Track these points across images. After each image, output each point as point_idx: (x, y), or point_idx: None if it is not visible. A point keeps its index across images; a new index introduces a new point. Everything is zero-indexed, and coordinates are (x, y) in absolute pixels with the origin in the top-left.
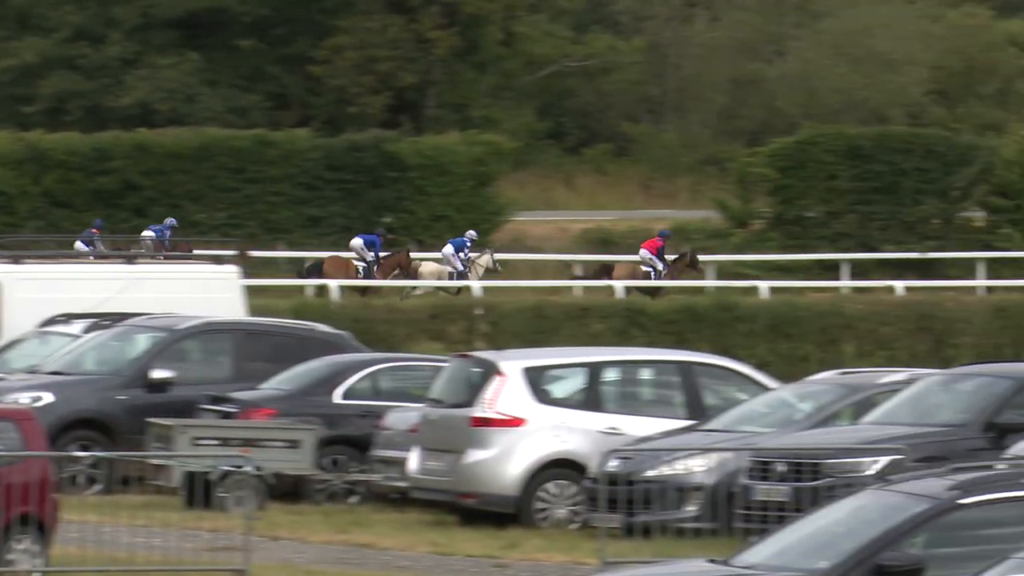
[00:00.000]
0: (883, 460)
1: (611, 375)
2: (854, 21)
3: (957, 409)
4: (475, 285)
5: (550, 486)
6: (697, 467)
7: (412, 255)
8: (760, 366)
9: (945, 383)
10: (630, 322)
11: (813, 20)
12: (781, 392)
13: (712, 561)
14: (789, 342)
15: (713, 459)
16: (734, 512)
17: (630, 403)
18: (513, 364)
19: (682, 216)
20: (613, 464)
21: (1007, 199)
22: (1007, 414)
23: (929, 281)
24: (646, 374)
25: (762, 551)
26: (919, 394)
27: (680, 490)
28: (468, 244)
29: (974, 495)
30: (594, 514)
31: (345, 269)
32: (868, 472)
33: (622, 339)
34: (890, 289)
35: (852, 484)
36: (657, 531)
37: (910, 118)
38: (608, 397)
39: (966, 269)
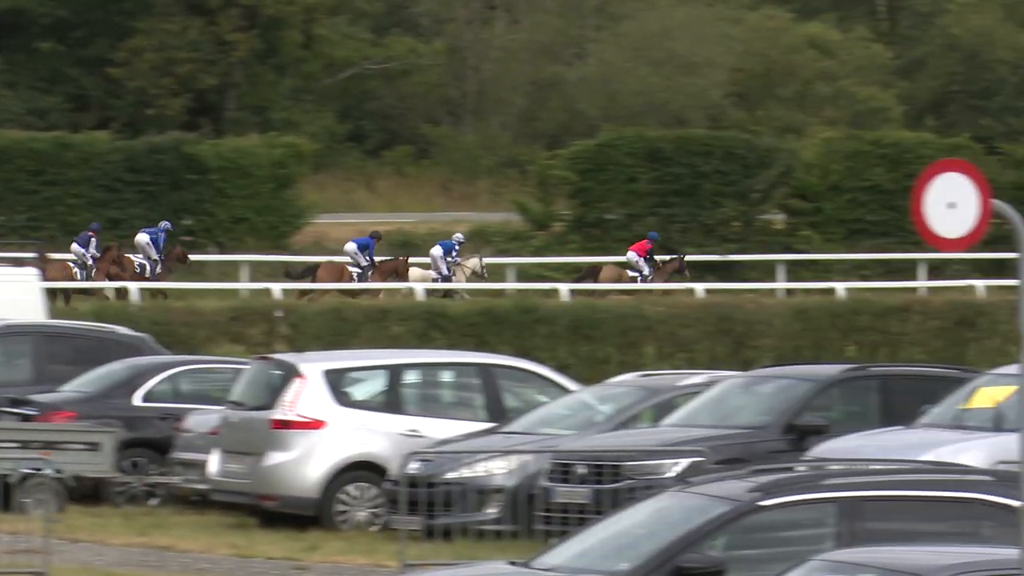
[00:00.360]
0: (684, 462)
1: (412, 377)
2: (654, 24)
3: (757, 411)
4: (275, 288)
5: (351, 488)
6: (498, 469)
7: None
8: (561, 368)
9: (745, 385)
10: (430, 324)
11: (613, 23)
12: (582, 394)
13: (513, 563)
14: (589, 344)
15: (514, 461)
16: (535, 514)
17: (431, 405)
18: (313, 366)
19: (482, 218)
20: (414, 466)
21: (806, 202)
22: (807, 416)
23: (729, 283)
24: (447, 376)
25: (563, 553)
26: (719, 396)
27: (481, 492)
28: (456, 247)
29: (774, 497)
30: (395, 516)
31: (340, 275)
32: (669, 474)
33: (422, 341)
34: (690, 291)
35: (653, 486)
36: (458, 533)
37: (710, 120)
38: (409, 399)
39: (766, 271)
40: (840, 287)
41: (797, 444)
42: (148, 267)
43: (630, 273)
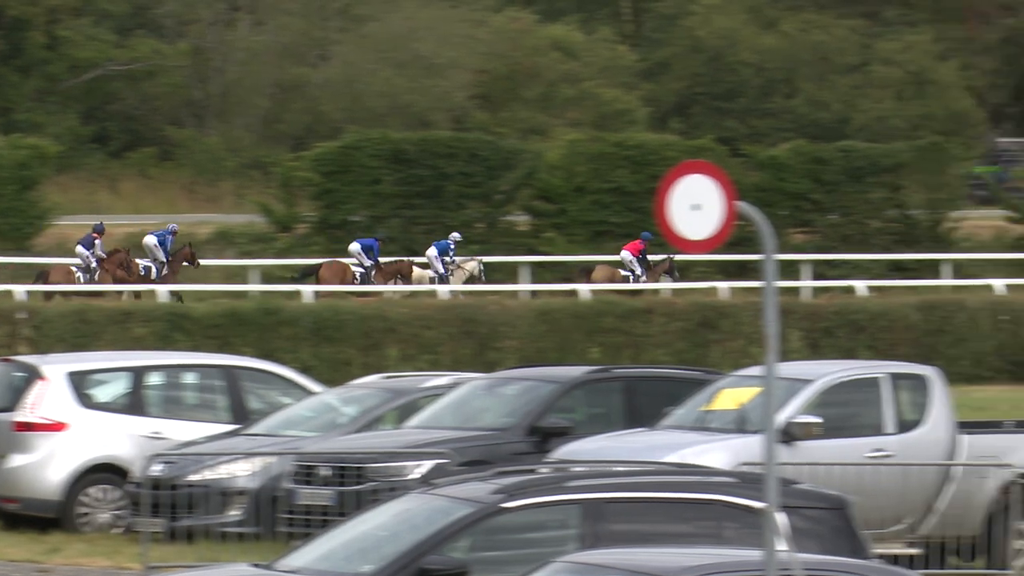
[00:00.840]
0: (427, 464)
1: (155, 379)
2: (398, 25)
3: (501, 413)
4: (18, 289)
5: (93, 490)
6: (241, 471)
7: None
8: (304, 370)
9: (489, 387)
10: (173, 326)
11: (357, 24)
12: (325, 396)
13: (256, 565)
14: (332, 346)
15: (257, 463)
16: (278, 516)
17: (174, 407)
18: (56, 368)
19: (226, 220)
20: (157, 468)
21: (551, 203)
22: (551, 418)
23: (472, 285)
24: (190, 378)
25: (306, 555)
26: (463, 398)
27: (224, 494)
28: (452, 247)
29: (517, 499)
30: (137, 518)
31: (342, 274)
32: (412, 476)
33: (166, 343)
34: (433, 293)
35: (396, 488)
36: (201, 535)
37: (454, 122)
38: (152, 401)
39: (510, 273)
40: (584, 288)
41: (541, 446)
42: (155, 269)
43: (622, 273)
